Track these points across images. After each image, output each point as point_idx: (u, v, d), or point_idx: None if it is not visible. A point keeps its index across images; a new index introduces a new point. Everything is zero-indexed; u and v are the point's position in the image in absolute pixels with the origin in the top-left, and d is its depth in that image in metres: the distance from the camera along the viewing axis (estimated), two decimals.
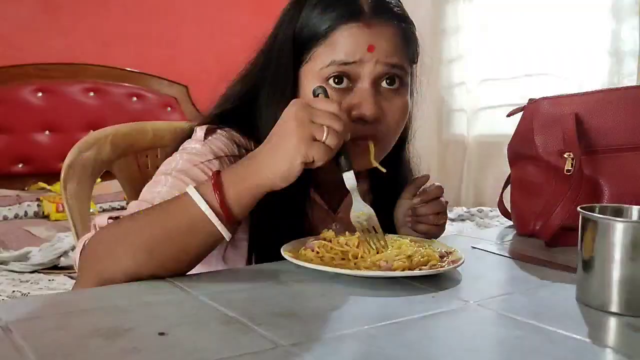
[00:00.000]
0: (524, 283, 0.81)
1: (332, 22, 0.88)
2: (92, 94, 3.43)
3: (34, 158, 3.26)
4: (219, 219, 0.74)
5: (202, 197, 0.74)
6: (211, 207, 0.74)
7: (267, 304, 0.67)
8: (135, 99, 3.54)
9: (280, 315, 0.64)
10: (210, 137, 0.93)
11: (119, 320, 0.60)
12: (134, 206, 0.84)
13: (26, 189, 3.19)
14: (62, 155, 1.19)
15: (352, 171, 0.80)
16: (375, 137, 0.90)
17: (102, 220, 0.81)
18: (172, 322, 0.61)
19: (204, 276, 0.78)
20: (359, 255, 0.81)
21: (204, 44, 3.46)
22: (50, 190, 3.10)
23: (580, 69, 2.75)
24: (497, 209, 1.25)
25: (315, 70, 0.90)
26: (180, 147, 0.94)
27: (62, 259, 2.02)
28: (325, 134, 0.72)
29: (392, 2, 0.93)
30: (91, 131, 1.27)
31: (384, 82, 0.91)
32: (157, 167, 0.94)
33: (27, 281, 1.87)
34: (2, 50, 3.23)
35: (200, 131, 0.94)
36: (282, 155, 0.73)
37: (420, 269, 0.77)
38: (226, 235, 0.76)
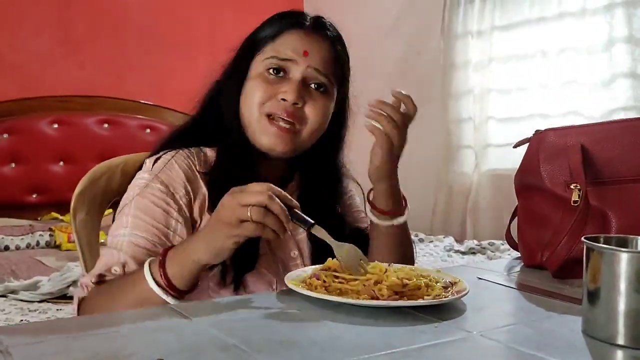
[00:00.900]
0: (529, 314, 0.80)
1: (281, 28, 1.08)
2: (106, 125, 3.48)
3: (47, 188, 3.30)
4: (165, 292, 0.87)
5: (152, 275, 0.88)
6: (158, 282, 0.88)
7: (267, 332, 0.67)
8: (148, 130, 3.58)
9: (279, 343, 0.63)
10: (156, 165, 1.05)
11: (119, 346, 0.60)
12: (106, 256, 0.99)
13: (39, 219, 3.21)
14: (75, 186, 1.21)
15: (314, 225, 0.86)
16: (294, 123, 1.05)
17: (86, 280, 0.98)
18: (171, 348, 0.61)
19: (204, 303, 0.79)
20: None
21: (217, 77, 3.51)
22: (62, 220, 3.12)
23: (590, 104, 2.76)
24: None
25: (261, 60, 1.07)
26: (133, 180, 1.07)
27: (71, 288, 2.02)
28: (249, 214, 0.81)
29: (330, 26, 1.12)
30: (104, 161, 1.29)
31: (313, 84, 1.07)
32: None
33: (35, 310, 1.87)
34: (21, 82, 3.30)
35: (148, 162, 1.07)
36: (214, 239, 0.85)
37: (423, 299, 0.77)
38: (172, 302, 0.87)
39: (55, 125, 3.37)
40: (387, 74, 3.51)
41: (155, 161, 1.06)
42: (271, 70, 1.06)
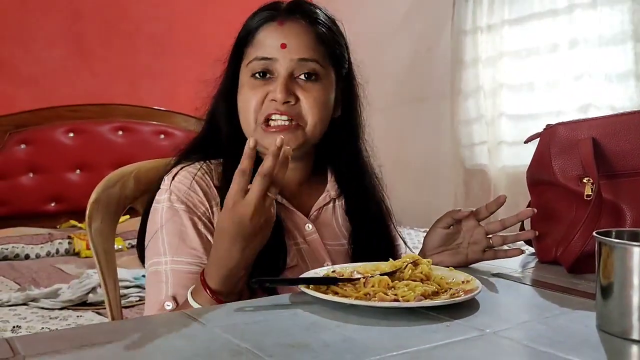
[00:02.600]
0: (544, 311, 0.79)
1: (256, 25, 1.05)
2: (120, 132, 3.52)
3: (65, 196, 3.34)
4: None
5: (200, 304, 0.86)
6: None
7: (280, 336, 0.67)
8: (162, 136, 3.62)
9: (292, 347, 0.64)
10: (174, 183, 1.04)
11: (133, 353, 0.61)
12: (153, 291, 0.98)
13: (58, 227, 3.25)
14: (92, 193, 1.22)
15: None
16: (292, 119, 1.02)
17: (181, 292, 0.95)
18: (184, 354, 0.61)
19: (217, 308, 0.79)
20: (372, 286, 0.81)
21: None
22: (80, 228, 3.16)
23: (603, 98, 2.72)
24: None
25: (244, 66, 1.05)
26: (155, 198, 1.05)
27: (90, 295, 2.04)
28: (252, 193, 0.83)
29: (307, 7, 1.07)
30: (118, 169, 1.30)
31: (302, 75, 1.03)
32: None
33: (56, 317, 1.89)
34: (36, 93, 3.34)
35: (167, 179, 1.06)
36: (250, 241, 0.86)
37: (432, 299, 0.77)
38: None
39: (71, 134, 3.41)
40: (397, 71, 3.50)
41: (173, 178, 1.05)
42: (256, 75, 1.03)
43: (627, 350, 0.64)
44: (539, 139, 1.09)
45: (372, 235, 1.10)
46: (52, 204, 3.35)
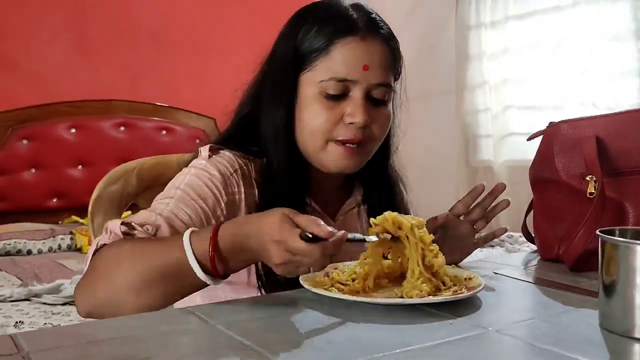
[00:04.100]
0: (546, 309, 0.79)
1: (331, 36, 0.97)
2: (122, 128, 3.52)
3: (67, 192, 3.34)
4: (204, 271, 0.78)
5: (193, 249, 0.78)
6: (201, 259, 0.78)
7: (284, 333, 0.68)
8: (164, 132, 3.61)
9: (296, 344, 0.64)
10: (214, 156, 1.00)
11: (136, 350, 0.61)
12: (143, 214, 0.91)
13: (60, 222, 3.26)
14: (94, 189, 1.22)
15: (365, 242, 0.83)
16: (362, 142, 0.99)
17: (114, 225, 0.87)
18: (188, 351, 0.62)
19: (220, 305, 0.79)
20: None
21: (231, 77, 3.52)
22: (82, 224, 3.16)
23: (607, 94, 2.72)
24: None
25: (315, 80, 0.98)
26: (189, 165, 1.00)
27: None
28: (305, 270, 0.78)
29: (381, 21, 1.02)
30: (121, 165, 1.31)
31: (374, 98, 0.99)
32: None
33: (58, 313, 1.90)
34: (37, 89, 3.34)
35: (204, 151, 1.01)
36: (264, 259, 0.79)
37: (434, 295, 0.77)
38: (211, 283, 0.80)
39: (73, 130, 3.41)
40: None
41: (213, 152, 1.00)
42: (330, 92, 0.96)
43: (630, 349, 0.64)
44: (542, 136, 1.09)
45: None
46: (54, 200, 3.35)
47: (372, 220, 0.84)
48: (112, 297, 0.81)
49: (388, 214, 0.84)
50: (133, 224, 0.87)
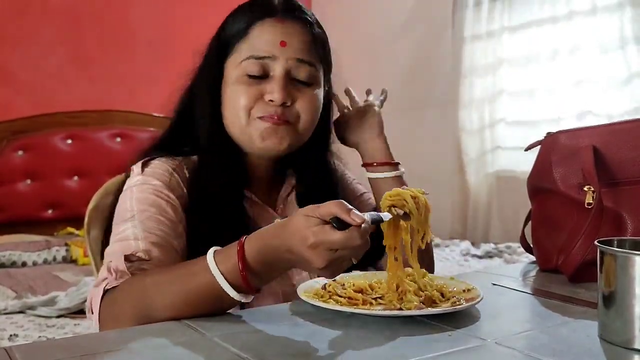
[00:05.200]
0: (545, 320, 0.79)
1: (250, 20, 1.00)
2: (119, 139, 3.51)
3: (63, 203, 3.33)
4: (238, 291, 0.76)
5: (221, 271, 0.76)
6: (230, 280, 0.76)
7: (281, 345, 0.67)
8: None
9: (293, 356, 0.63)
10: (146, 169, 0.99)
11: None
12: (118, 248, 0.88)
13: (55, 234, 3.24)
14: (89, 200, 1.22)
15: (383, 220, 0.79)
16: (287, 122, 0.99)
17: (118, 262, 0.85)
18: None
19: (216, 317, 0.78)
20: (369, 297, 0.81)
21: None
22: (78, 235, 3.14)
23: (604, 103, 2.73)
24: None
25: (237, 62, 1.00)
26: (123, 189, 0.99)
27: (87, 303, 2.03)
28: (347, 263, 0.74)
29: (304, 8, 1.04)
30: (117, 176, 1.30)
31: (299, 78, 1.00)
32: None
33: (53, 326, 1.88)
34: (34, 99, 3.34)
35: (136, 168, 1.00)
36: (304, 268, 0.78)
37: (432, 306, 0.76)
38: (245, 300, 0.78)
39: (69, 141, 3.40)
40: (396, 79, 3.50)
41: (144, 165, 1.00)
42: (251, 72, 0.98)
43: None
44: (539, 147, 1.09)
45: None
46: (50, 211, 3.33)
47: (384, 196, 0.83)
48: None
49: (395, 192, 0.82)
50: (139, 254, 0.85)
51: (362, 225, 0.70)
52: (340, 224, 0.70)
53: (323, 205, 0.72)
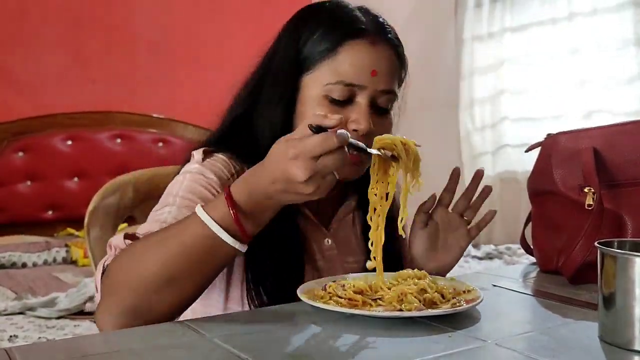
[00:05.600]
0: (545, 321, 0.79)
1: (338, 38, 0.93)
2: (119, 140, 3.51)
3: (63, 204, 3.33)
4: (232, 237, 0.75)
5: (212, 217, 0.75)
6: (223, 225, 0.75)
7: (281, 346, 0.67)
8: (161, 144, 3.61)
9: (294, 357, 0.63)
10: (207, 159, 0.96)
11: None
12: (146, 226, 0.86)
13: (55, 235, 3.24)
14: (89, 202, 1.22)
15: (367, 152, 0.81)
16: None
17: (118, 240, 0.84)
18: None
19: (217, 318, 0.78)
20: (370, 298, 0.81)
21: (227, 89, 3.53)
22: (78, 236, 3.15)
23: (605, 103, 2.73)
24: None
25: (319, 82, 0.94)
26: (182, 170, 0.97)
27: (87, 304, 2.03)
28: (331, 176, 0.74)
29: (388, 26, 1.00)
30: (118, 177, 1.30)
31: (379, 105, 0.96)
32: None
33: (53, 327, 1.88)
34: (34, 100, 3.34)
35: (197, 154, 0.97)
36: (285, 198, 0.75)
37: (433, 307, 0.76)
38: (241, 248, 0.77)
39: (69, 142, 3.40)
40: None
41: (206, 155, 0.97)
42: (335, 96, 0.93)
43: None
44: (540, 148, 1.09)
45: (390, 251, 0.98)
46: (50, 212, 3.33)
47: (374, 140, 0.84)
48: (141, 303, 0.76)
49: (385, 136, 0.85)
50: (137, 234, 0.84)
51: (340, 131, 0.71)
52: (318, 130, 0.72)
53: (298, 128, 0.74)
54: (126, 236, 0.83)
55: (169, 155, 3.55)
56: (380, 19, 0.99)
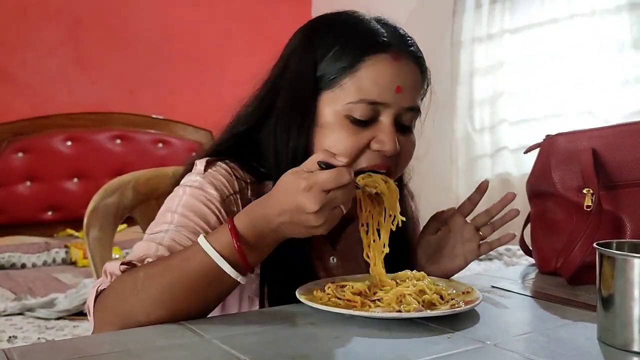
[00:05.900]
0: (544, 323, 0.79)
1: (359, 53, 0.88)
2: (119, 141, 3.52)
3: (62, 205, 3.33)
4: (234, 268, 0.75)
5: (214, 248, 0.75)
6: (225, 256, 0.75)
7: (280, 347, 0.67)
8: (160, 145, 3.62)
9: (292, 358, 0.63)
10: (209, 170, 0.92)
11: None
12: (141, 247, 0.84)
13: (54, 236, 3.24)
14: (89, 202, 1.22)
15: (358, 187, 0.84)
16: (389, 170, 0.91)
17: (113, 267, 0.81)
18: None
19: (216, 319, 0.78)
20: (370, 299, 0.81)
21: (227, 90, 3.53)
22: (77, 237, 3.15)
23: (604, 104, 2.73)
24: None
25: (339, 101, 0.88)
26: (182, 182, 0.94)
27: (86, 305, 2.03)
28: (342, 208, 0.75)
29: (410, 39, 0.95)
30: (116, 177, 1.30)
31: (402, 119, 0.92)
32: None
33: (52, 327, 1.88)
34: (34, 101, 3.34)
35: (200, 164, 0.93)
36: (294, 230, 0.76)
37: (432, 309, 0.76)
38: (242, 280, 0.77)
39: (69, 143, 3.41)
40: None
41: (208, 165, 0.92)
42: (357, 116, 0.87)
43: None
44: (538, 149, 1.09)
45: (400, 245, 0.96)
46: (49, 213, 3.34)
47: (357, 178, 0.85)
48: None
49: (367, 174, 0.87)
50: (133, 262, 0.81)
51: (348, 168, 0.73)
52: (328, 167, 0.74)
53: (307, 160, 0.75)
54: (122, 263, 0.81)
55: (168, 155, 3.55)
56: (401, 31, 0.94)
